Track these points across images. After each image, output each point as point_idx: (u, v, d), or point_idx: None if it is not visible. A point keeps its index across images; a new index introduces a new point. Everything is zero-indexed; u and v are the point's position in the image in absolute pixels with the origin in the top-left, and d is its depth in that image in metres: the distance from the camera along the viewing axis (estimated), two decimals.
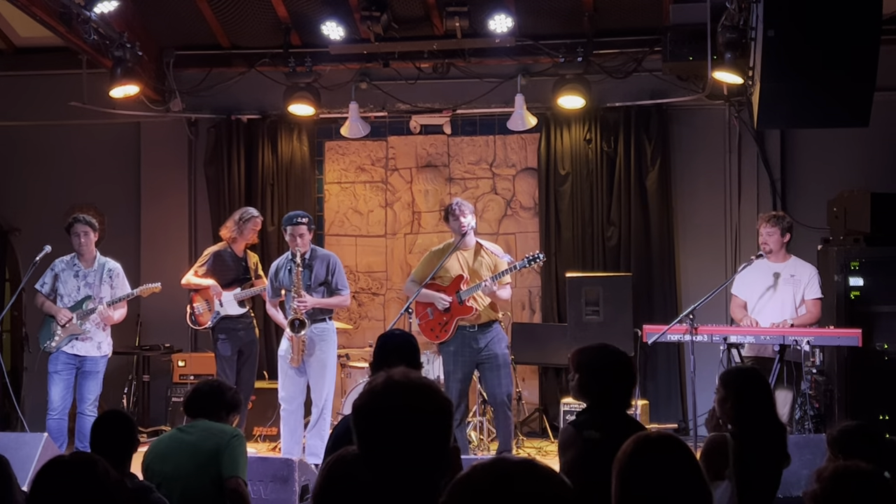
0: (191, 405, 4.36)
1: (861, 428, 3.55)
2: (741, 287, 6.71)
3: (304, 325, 6.68)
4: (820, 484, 2.56)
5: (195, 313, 7.48)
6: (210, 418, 4.29)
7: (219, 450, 4.11)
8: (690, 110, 8.57)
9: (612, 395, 3.79)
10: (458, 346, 6.61)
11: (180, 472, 4.12)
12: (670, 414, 8.36)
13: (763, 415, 3.92)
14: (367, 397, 2.10)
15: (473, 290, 6.56)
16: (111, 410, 4.38)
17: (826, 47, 5.29)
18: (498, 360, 6.59)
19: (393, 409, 2.05)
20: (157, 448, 4.26)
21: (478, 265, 6.69)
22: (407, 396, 2.06)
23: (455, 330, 6.62)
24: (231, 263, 7.47)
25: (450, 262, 6.67)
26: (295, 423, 6.80)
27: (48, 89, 8.97)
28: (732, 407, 3.93)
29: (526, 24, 8.18)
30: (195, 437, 4.20)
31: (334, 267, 6.87)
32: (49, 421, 6.79)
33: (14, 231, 9.23)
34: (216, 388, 4.46)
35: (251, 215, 7.52)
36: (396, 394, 2.07)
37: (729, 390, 3.96)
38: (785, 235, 6.56)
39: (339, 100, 8.71)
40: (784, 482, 5.00)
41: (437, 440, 2.06)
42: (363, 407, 2.09)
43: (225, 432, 4.21)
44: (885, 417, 6.88)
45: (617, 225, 8.54)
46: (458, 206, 6.67)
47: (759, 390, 4.00)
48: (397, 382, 2.09)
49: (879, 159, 8.09)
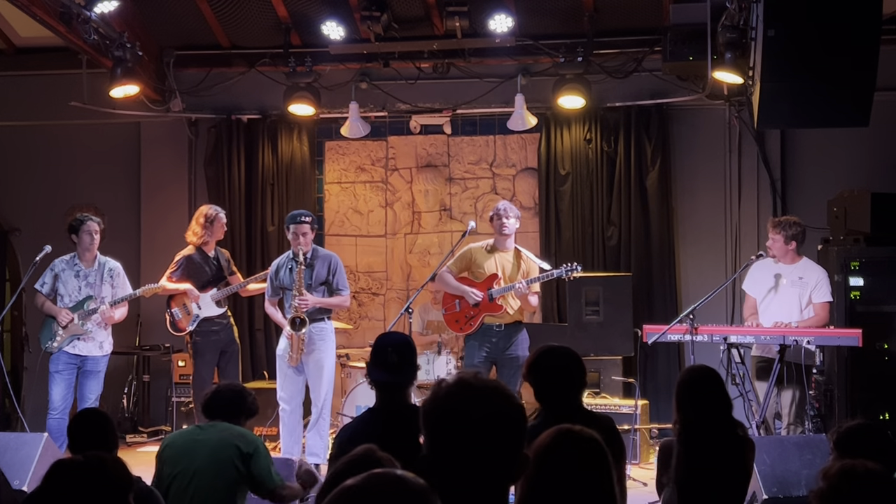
0: (210, 407, 4.37)
1: (865, 427, 3.54)
2: (751, 285, 6.69)
3: (304, 324, 6.68)
4: (826, 482, 2.55)
5: (174, 319, 7.38)
6: (229, 422, 4.32)
7: (241, 456, 4.16)
8: (690, 110, 8.57)
9: (561, 395, 3.72)
10: (482, 341, 6.72)
11: (195, 469, 4.14)
12: (670, 414, 8.28)
13: (706, 416, 3.90)
14: (439, 399, 2.01)
15: (505, 290, 6.66)
16: (87, 409, 4.38)
17: (826, 47, 5.30)
18: (517, 361, 6.64)
19: (466, 412, 1.97)
20: (173, 443, 4.28)
21: (514, 269, 6.78)
22: (480, 399, 1.99)
23: (480, 325, 6.71)
24: (204, 265, 7.40)
25: (487, 261, 6.78)
26: (294, 422, 6.81)
27: (48, 89, 8.97)
28: (675, 409, 3.96)
29: (526, 23, 8.18)
30: (214, 437, 4.22)
31: (335, 267, 6.88)
32: (50, 420, 6.79)
33: (14, 231, 9.23)
34: (238, 393, 4.49)
35: (216, 212, 7.43)
36: (469, 396, 1.99)
37: (676, 393, 3.99)
38: (790, 243, 6.49)
39: (339, 100, 8.71)
40: (784, 482, 5.01)
41: (509, 446, 1.98)
42: (435, 409, 2.01)
43: (246, 438, 4.25)
44: (886, 417, 6.89)
45: (617, 225, 8.54)
46: (504, 209, 6.82)
47: (701, 391, 3.98)
48: (470, 385, 2.01)
49: (879, 159, 8.09)
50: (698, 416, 3.89)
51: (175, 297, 7.40)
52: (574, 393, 3.77)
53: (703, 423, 3.87)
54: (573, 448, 2.30)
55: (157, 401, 8.77)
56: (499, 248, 6.83)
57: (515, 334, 6.75)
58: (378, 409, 3.87)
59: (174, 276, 7.37)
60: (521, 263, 6.82)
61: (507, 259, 6.81)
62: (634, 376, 7.49)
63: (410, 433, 3.61)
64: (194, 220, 7.47)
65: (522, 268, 6.80)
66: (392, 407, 3.81)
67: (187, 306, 7.34)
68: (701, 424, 3.87)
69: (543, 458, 2.27)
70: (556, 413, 3.60)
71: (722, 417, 3.93)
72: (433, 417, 2.01)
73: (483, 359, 6.69)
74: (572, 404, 3.71)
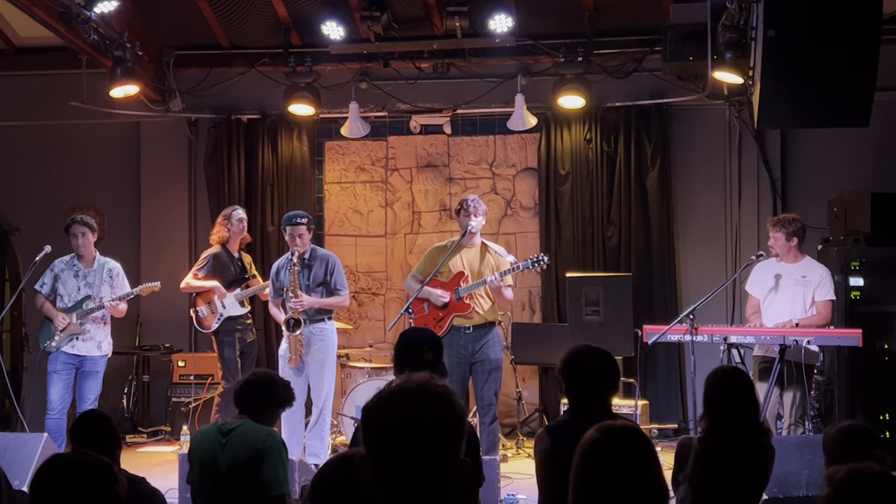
0: (241, 399, 4.27)
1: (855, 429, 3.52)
2: (754, 286, 6.68)
3: (299, 325, 6.68)
4: (832, 487, 2.53)
5: (199, 317, 7.40)
6: (259, 413, 4.21)
7: (255, 460, 4.06)
8: (690, 110, 8.57)
9: (594, 396, 3.71)
10: (452, 345, 6.51)
11: (217, 481, 4.11)
12: (670, 414, 8.35)
13: (734, 417, 3.89)
14: (374, 400, 1.99)
15: (473, 287, 6.54)
16: (89, 410, 4.35)
17: (826, 47, 5.29)
18: (489, 364, 6.55)
19: (395, 418, 1.94)
20: (198, 448, 4.22)
21: (480, 264, 6.67)
22: (411, 404, 1.94)
23: (449, 327, 6.57)
24: (229, 264, 7.46)
25: (453, 259, 6.66)
26: (295, 423, 6.79)
27: (48, 89, 8.97)
28: (704, 410, 3.94)
29: (526, 23, 8.18)
30: (233, 446, 4.11)
31: (333, 267, 6.87)
32: (48, 421, 6.79)
33: (14, 231, 9.23)
34: (268, 382, 4.34)
35: (235, 209, 7.53)
36: (401, 400, 1.95)
37: (705, 392, 3.97)
38: (791, 240, 6.48)
39: (339, 100, 8.71)
40: (784, 482, 5.02)
41: (441, 453, 1.93)
42: (368, 410, 1.99)
43: (259, 439, 4.11)
44: (885, 417, 6.89)
45: (617, 225, 8.54)
46: (473, 203, 6.66)
47: (732, 392, 3.97)
48: (404, 389, 1.97)
49: (879, 159, 8.09)
50: (726, 419, 3.85)
51: (200, 295, 7.40)
52: (606, 396, 3.75)
53: (729, 426, 3.84)
54: (617, 442, 2.38)
55: (157, 401, 8.77)
56: (464, 245, 6.67)
57: (485, 336, 6.58)
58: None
59: (200, 273, 7.38)
60: (488, 257, 6.67)
61: (474, 255, 6.67)
62: (634, 376, 7.49)
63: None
64: (217, 221, 7.59)
65: (490, 262, 6.64)
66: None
67: (212, 304, 7.34)
68: (727, 427, 3.84)
69: (589, 454, 2.36)
70: (585, 413, 3.59)
71: (750, 421, 3.91)
72: (365, 420, 1.98)
73: (455, 364, 6.46)
74: (602, 406, 3.69)
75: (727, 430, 3.81)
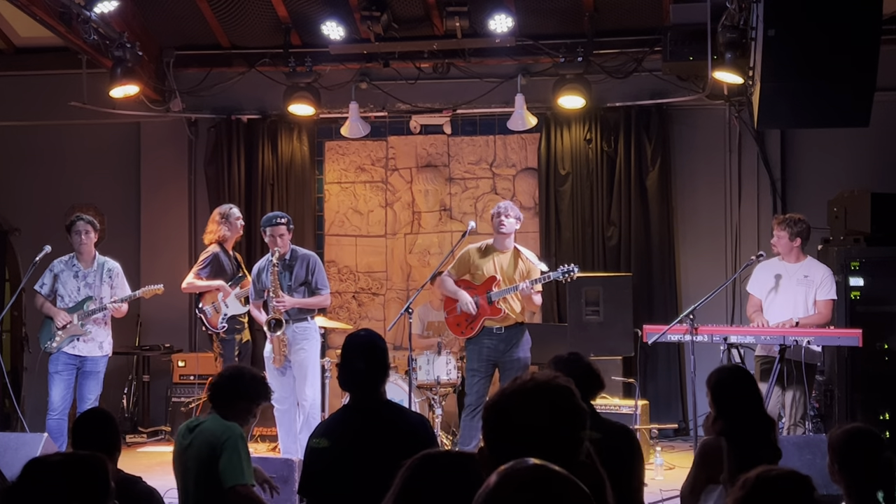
0: (210, 395, 4.25)
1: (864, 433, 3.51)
2: (755, 286, 6.68)
3: (280, 325, 6.69)
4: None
5: (206, 316, 7.37)
6: (226, 408, 4.16)
7: (214, 454, 4.03)
8: (690, 110, 8.57)
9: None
10: (483, 344, 6.65)
11: (186, 477, 4.12)
12: (670, 414, 8.35)
13: (748, 412, 3.90)
14: (502, 397, 2.12)
15: (505, 292, 6.60)
16: (91, 409, 4.35)
17: (826, 47, 5.30)
18: (519, 363, 6.63)
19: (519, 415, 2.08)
20: (175, 447, 4.25)
21: (512, 270, 6.71)
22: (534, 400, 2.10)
23: (481, 328, 6.66)
24: (228, 263, 7.45)
25: (486, 263, 6.71)
26: (289, 422, 6.79)
27: (48, 89, 8.97)
28: (718, 409, 3.93)
29: (526, 23, 8.18)
30: (196, 443, 4.11)
31: (314, 266, 6.87)
32: (49, 421, 6.78)
33: (14, 231, 9.22)
34: (235, 375, 4.27)
35: (231, 208, 7.52)
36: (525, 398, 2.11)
37: (713, 392, 3.97)
38: (795, 240, 6.48)
39: (339, 100, 8.71)
40: None
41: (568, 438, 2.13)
42: (492, 406, 2.13)
43: (217, 434, 4.06)
44: (886, 417, 6.89)
45: (617, 225, 8.54)
46: (505, 207, 6.74)
47: (742, 388, 3.98)
48: (525, 387, 2.12)
49: (879, 159, 8.09)
50: (740, 417, 3.86)
51: (204, 295, 7.37)
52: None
53: (747, 421, 3.85)
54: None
55: (157, 401, 8.77)
56: (497, 249, 6.74)
57: (517, 336, 6.69)
58: (350, 406, 3.86)
59: (203, 273, 7.34)
60: (520, 263, 6.74)
61: (506, 259, 6.73)
62: (634, 376, 7.48)
63: (385, 430, 3.62)
64: (210, 220, 7.54)
65: (521, 268, 6.71)
66: (365, 405, 3.78)
67: (216, 304, 7.33)
68: (746, 422, 3.85)
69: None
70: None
71: (761, 418, 3.94)
72: (489, 415, 2.09)
73: (485, 362, 6.64)
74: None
75: (747, 425, 3.82)
